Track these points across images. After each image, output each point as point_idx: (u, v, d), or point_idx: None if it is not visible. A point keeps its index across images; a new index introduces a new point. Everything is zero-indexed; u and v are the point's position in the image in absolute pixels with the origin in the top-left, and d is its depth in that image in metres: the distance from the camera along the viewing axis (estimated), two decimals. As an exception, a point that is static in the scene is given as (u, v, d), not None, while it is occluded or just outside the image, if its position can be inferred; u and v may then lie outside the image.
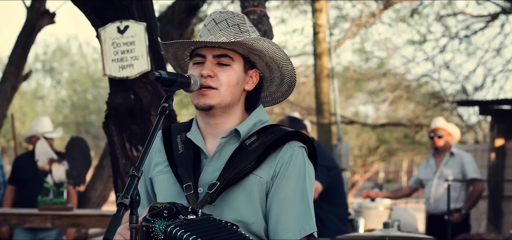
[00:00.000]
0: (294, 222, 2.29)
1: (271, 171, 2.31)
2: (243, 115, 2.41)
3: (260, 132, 2.37)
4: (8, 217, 6.31)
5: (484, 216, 9.92)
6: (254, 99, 2.44)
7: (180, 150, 2.39)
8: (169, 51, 2.46)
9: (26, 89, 25.26)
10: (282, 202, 2.30)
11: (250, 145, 2.32)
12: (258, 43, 2.33)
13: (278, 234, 2.29)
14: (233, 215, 2.28)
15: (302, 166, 2.34)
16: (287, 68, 2.43)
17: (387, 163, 25.33)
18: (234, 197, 2.29)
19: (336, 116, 12.50)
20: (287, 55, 2.41)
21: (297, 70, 16.56)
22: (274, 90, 2.50)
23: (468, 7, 19.24)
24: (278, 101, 2.54)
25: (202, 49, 2.36)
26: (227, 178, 2.26)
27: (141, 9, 4.33)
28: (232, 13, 2.39)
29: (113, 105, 4.34)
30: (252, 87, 2.41)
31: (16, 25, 55.27)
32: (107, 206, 12.43)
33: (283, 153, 2.33)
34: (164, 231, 2.14)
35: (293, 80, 2.46)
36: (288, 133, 2.36)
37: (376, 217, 7.12)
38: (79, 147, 6.75)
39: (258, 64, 2.41)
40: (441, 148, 7.39)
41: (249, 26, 2.40)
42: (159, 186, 2.39)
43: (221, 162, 2.33)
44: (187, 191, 2.28)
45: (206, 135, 2.40)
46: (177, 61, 2.50)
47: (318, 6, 12.48)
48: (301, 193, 2.32)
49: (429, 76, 14.63)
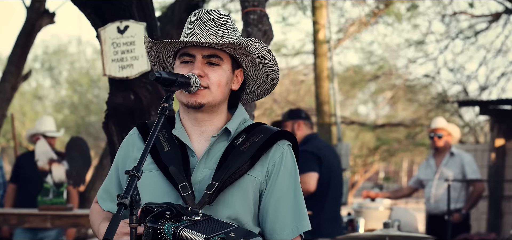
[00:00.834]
0: (291, 220, 2.34)
1: (264, 170, 2.35)
2: (227, 114, 2.43)
3: (247, 131, 2.39)
4: (8, 217, 6.30)
5: (484, 216, 9.91)
6: (237, 98, 2.46)
7: (166, 147, 2.38)
8: (154, 48, 2.45)
9: (26, 89, 25.26)
10: (277, 202, 2.34)
11: (241, 145, 2.35)
12: (250, 44, 2.35)
13: (276, 233, 2.33)
14: (228, 214, 2.30)
15: (293, 165, 2.39)
16: (272, 68, 2.45)
17: (387, 163, 25.33)
18: (230, 196, 2.31)
19: (336, 116, 12.50)
20: (274, 56, 2.43)
21: (296, 69, 16.58)
22: (255, 89, 2.53)
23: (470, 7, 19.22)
24: (257, 99, 2.57)
25: (191, 48, 2.36)
26: (224, 178, 2.27)
27: (141, 9, 4.33)
28: (218, 11, 2.39)
29: (113, 105, 4.33)
30: (237, 86, 2.43)
31: (16, 25, 55.31)
32: (107, 206, 12.41)
33: (274, 153, 2.37)
34: (173, 233, 2.15)
35: (276, 80, 2.48)
36: (276, 132, 2.40)
37: (376, 217, 7.12)
38: (79, 147, 6.75)
39: (245, 64, 2.43)
40: (441, 148, 7.39)
41: (234, 25, 2.41)
42: (145, 184, 2.35)
43: (212, 160, 2.34)
44: (183, 191, 2.28)
45: (192, 132, 2.39)
46: (160, 58, 2.49)
47: (318, 6, 12.49)
48: (294, 191, 2.37)
49: (430, 76, 14.63)
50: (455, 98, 14.02)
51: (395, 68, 15.85)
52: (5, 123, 10.86)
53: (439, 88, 15.18)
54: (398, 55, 15.75)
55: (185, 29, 2.42)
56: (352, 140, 19.48)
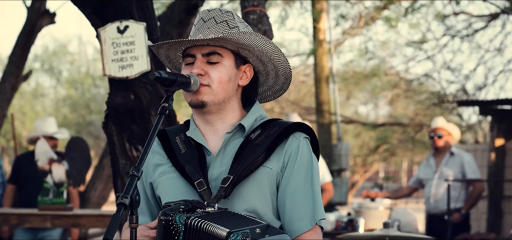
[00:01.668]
0: (307, 211, 2.34)
1: (280, 162, 2.35)
2: (241, 111, 2.42)
3: (262, 126, 2.39)
4: (8, 217, 6.31)
5: (484, 216, 9.91)
6: (251, 94, 2.45)
7: (182, 150, 2.39)
8: (161, 54, 2.47)
9: (26, 89, 25.25)
10: (294, 193, 2.34)
11: (256, 138, 2.35)
12: (244, 37, 2.33)
13: (294, 224, 2.34)
14: (245, 207, 2.31)
15: (309, 156, 2.38)
16: (279, 60, 2.43)
17: (387, 163, 25.32)
18: (246, 189, 2.31)
19: (336, 116, 12.51)
20: (278, 48, 2.41)
21: (297, 69, 16.57)
22: (272, 84, 2.51)
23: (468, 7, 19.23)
24: (279, 95, 2.56)
25: (192, 48, 2.37)
26: (239, 171, 2.28)
27: (141, 9, 4.33)
28: (220, 10, 2.39)
29: (113, 105, 4.34)
30: (246, 82, 2.42)
31: (16, 25, 55.29)
32: (107, 206, 12.44)
33: (290, 144, 2.36)
34: (185, 223, 2.15)
35: (288, 72, 2.46)
36: (292, 124, 2.39)
37: (376, 217, 7.13)
38: (79, 147, 6.75)
39: (250, 58, 2.42)
40: (441, 147, 7.39)
41: (239, 21, 2.40)
42: (164, 186, 2.38)
43: (227, 156, 2.34)
44: (199, 187, 2.29)
45: (206, 132, 2.40)
46: (172, 63, 2.51)
47: (318, 6, 12.49)
48: (311, 182, 2.37)
49: (430, 76, 14.63)
50: (453, 97, 14.03)
51: (394, 67, 15.85)
52: (5, 123, 10.86)
53: (437, 87, 15.18)
54: (397, 53, 15.75)
55: (191, 32, 2.44)
56: (352, 140, 19.48)
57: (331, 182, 7.25)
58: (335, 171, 10.89)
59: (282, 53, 2.42)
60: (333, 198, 8.55)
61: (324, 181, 7.11)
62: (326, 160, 8.49)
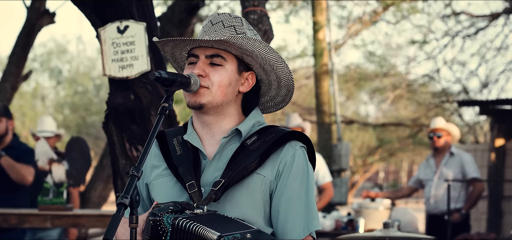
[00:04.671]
0: (301, 221, 2.32)
1: (274, 170, 2.33)
2: (240, 117, 2.41)
3: (260, 132, 2.37)
4: (8, 217, 6.30)
5: (484, 216, 9.92)
6: (252, 102, 2.43)
7: (178, 152, 2.39)
8: (167, 52, 2.47)
9: (26, 89, 25.25)
10: (288, 202, 2.32)
11: (252, 144, 2.33)
12: (248, 43, 2.32)
13: (286, 233, 2.31)
14: (236, 213, 2.29)
15: (305, 166, 2.35)
16: (282, 71, 2.41)
17: (387, 163, 25.34)
18: (238, 195, 2.30)
19: (336, 116, 12.51)
20: (282, 58, 2.39)
21: (298, 71, 16.56)
22: (274, 95, 2.50)
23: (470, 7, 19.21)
24: (281, 106, 2.54)
25: (196, 49, 2.36)
26: (231, 175, 2.27)
27: (141, 9, 4.33)
28: (230, 15, 2.38)
29: (113, 105, 4.33)
30: (247, 89, 2.40)
31: (16, 25, 55.31)
32: (107, 206, 12.43)
33: (285, 152, 2.34)
34: (172, 224, 2.15)
35: (291, 84, 2.44)
36: (288, 132, 2.37)
37: (376, 217, 7.13)
38: (79, 147, 6.75)
39: (254, 66, 2.40)
40: (441, 148, 7.39)
41: (247, 28, 2.39)
42: (158, 189, 2.39)
43: (222, 161, 2.33)
44: (190, 189, 2.28)
45: (203, 135, 2.39)
46: (177, 62, 2.51)
47: (318, 6, 12.49)
48: (306, 192, 2.34)
49: (430, 76, 14.63)
50: (455, 97, 14.03)
51: (395, 67, 15.85)
52: (5, 123, 10.84)
53: (438, 87, 15.19)
54: (398, 54, 15.76)
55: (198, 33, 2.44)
56: (352, 140, 19.48)
57: (331, 182, 7.26)
58: (335, 171, 10.89)
59: (286, 64, 2.41)
60: (333, 198, 8.56)
61: (324, 181, 7.12)
62: (326, 160, 8.49)
